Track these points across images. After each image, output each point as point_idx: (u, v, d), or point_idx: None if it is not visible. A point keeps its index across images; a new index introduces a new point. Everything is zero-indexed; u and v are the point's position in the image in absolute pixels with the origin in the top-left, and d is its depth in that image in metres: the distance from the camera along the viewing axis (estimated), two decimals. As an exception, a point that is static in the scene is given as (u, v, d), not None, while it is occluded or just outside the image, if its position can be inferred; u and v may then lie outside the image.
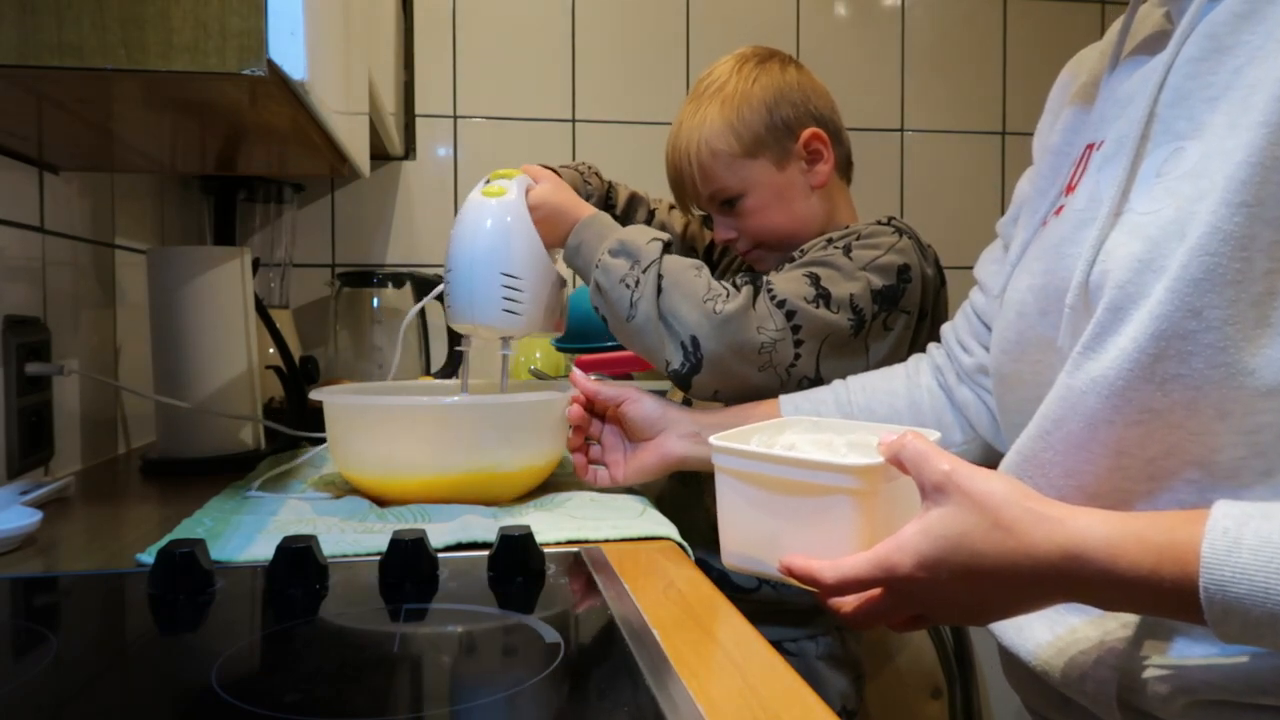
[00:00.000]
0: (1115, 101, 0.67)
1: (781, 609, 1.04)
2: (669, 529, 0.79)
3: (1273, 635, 0.46)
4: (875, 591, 0.58)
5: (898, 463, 0.58)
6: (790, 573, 0.61)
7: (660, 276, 0.90)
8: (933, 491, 0.56)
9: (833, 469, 0.61)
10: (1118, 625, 0.60)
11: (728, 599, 0.63)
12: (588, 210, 0.97)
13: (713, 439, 0.67)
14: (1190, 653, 0.57)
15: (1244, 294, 0.52)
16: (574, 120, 1.79)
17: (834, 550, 0.59)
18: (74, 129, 0.84)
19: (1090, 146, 0.68)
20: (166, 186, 1.46)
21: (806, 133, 1.04)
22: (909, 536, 0.56)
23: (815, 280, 0.94)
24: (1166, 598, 0.48)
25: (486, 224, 0.92)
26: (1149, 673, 0.58)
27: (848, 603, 0.59)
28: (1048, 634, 0.64)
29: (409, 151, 1.74)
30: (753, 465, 0.64)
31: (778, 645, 1.04)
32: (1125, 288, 0.56)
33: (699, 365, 0.90)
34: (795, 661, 1.05)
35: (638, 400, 0.94)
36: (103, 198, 1.19)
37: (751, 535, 0.65)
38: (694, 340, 0.90)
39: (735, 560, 0.67)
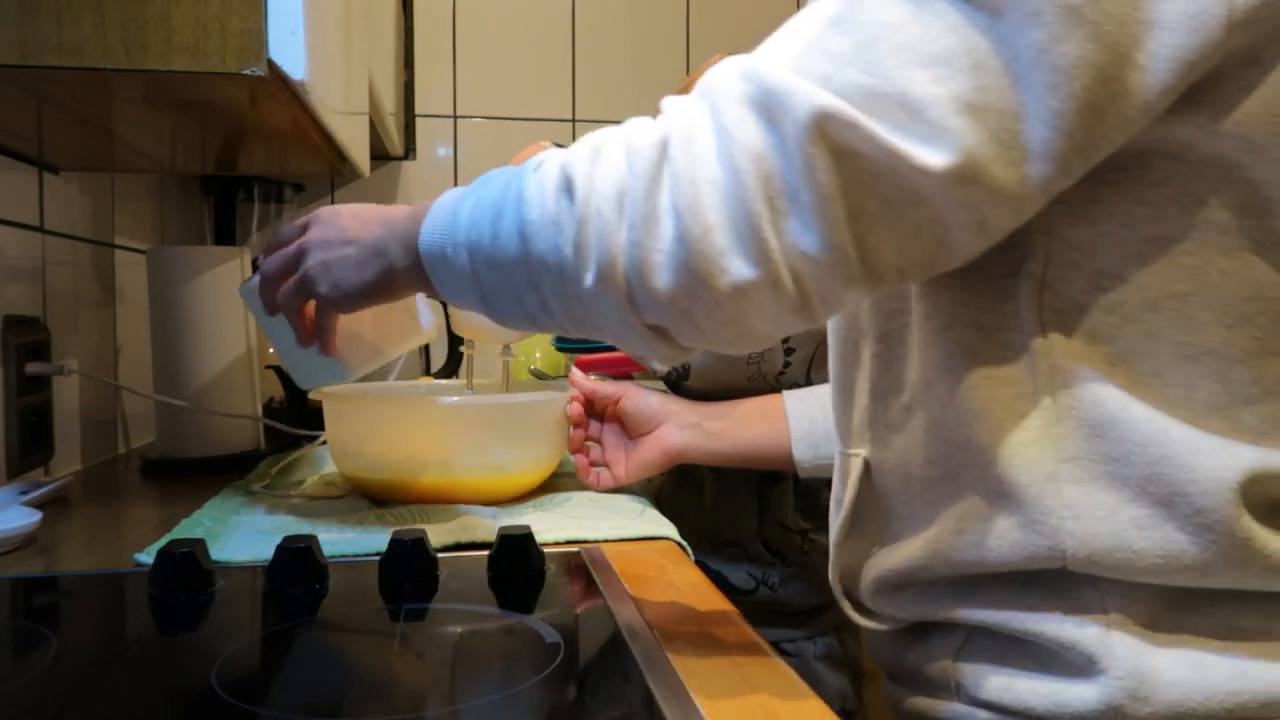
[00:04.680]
0: None
1: (779, 609, 1.03)
2: (669, 529, 0.79)
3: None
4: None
5: None
6: None
7: None
8: None
9: None
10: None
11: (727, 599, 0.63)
12: None
13: None
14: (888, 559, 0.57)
15: None
16: (574, 120, 1.79)
17: None
18: (74, 129, 0.84)
19: None
20: (166, 186, 1.45)
21: None
22: None
23: None
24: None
25: None
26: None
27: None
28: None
29: (409, 151, 1.74)
30: None
31: (775, 645, 1.04)
32: None
33: (685, 373, 0.91)
34: (793, 662, 1.04)
35: (636, 393, 0.94)
36: (103, 198, 1.19)
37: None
38: None
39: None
